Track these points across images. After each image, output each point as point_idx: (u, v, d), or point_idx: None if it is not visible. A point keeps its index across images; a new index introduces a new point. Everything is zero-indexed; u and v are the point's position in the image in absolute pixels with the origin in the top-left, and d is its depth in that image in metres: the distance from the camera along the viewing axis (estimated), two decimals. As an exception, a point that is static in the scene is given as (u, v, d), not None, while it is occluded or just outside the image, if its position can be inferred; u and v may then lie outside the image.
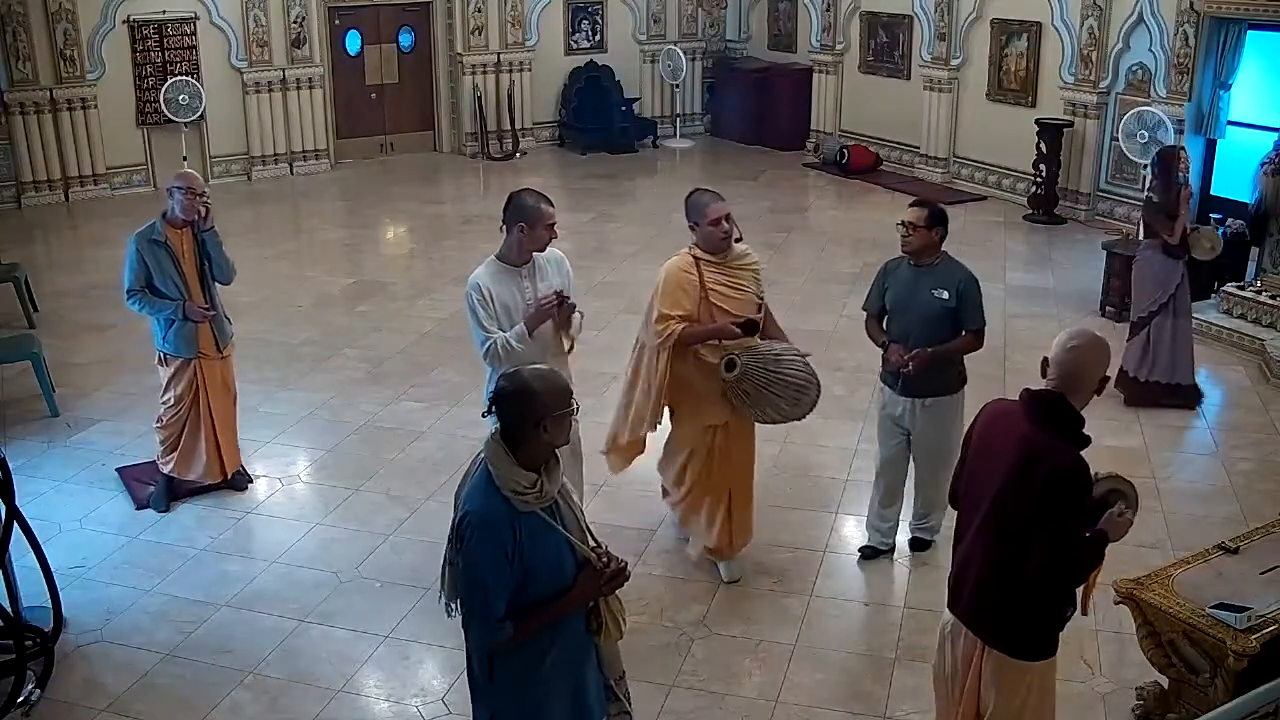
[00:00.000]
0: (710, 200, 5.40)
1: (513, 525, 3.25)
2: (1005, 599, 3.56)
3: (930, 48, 13.97)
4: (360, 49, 15.23)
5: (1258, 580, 4.47)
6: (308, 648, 5.26)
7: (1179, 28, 10.95)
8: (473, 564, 3.27)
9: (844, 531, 6.27)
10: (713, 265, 5.40)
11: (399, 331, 9.26)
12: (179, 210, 6.20)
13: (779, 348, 5.39)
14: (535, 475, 3.30)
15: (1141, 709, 4.70)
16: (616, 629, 3.55)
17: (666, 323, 5.32)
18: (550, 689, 3.47)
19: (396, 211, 13.36)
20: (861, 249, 11.43)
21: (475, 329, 5.02)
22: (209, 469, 6.50)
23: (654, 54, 16.75)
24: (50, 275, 10.71)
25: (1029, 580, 3.47)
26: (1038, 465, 3.40)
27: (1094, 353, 3.50)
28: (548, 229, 5.05)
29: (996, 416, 3.67)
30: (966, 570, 3.67)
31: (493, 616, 3.28)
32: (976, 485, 3.63)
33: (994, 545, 3.55)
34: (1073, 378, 3.47)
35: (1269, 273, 8.93)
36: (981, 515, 3.58)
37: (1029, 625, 3.60)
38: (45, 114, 13.05)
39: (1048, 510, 3.38)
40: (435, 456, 7.03)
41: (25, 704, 4.79)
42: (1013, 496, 3.46)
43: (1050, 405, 3.47)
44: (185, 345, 6.30)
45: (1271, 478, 6.83)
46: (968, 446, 3.79)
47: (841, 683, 5.02)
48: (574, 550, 3.40)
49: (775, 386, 5.26)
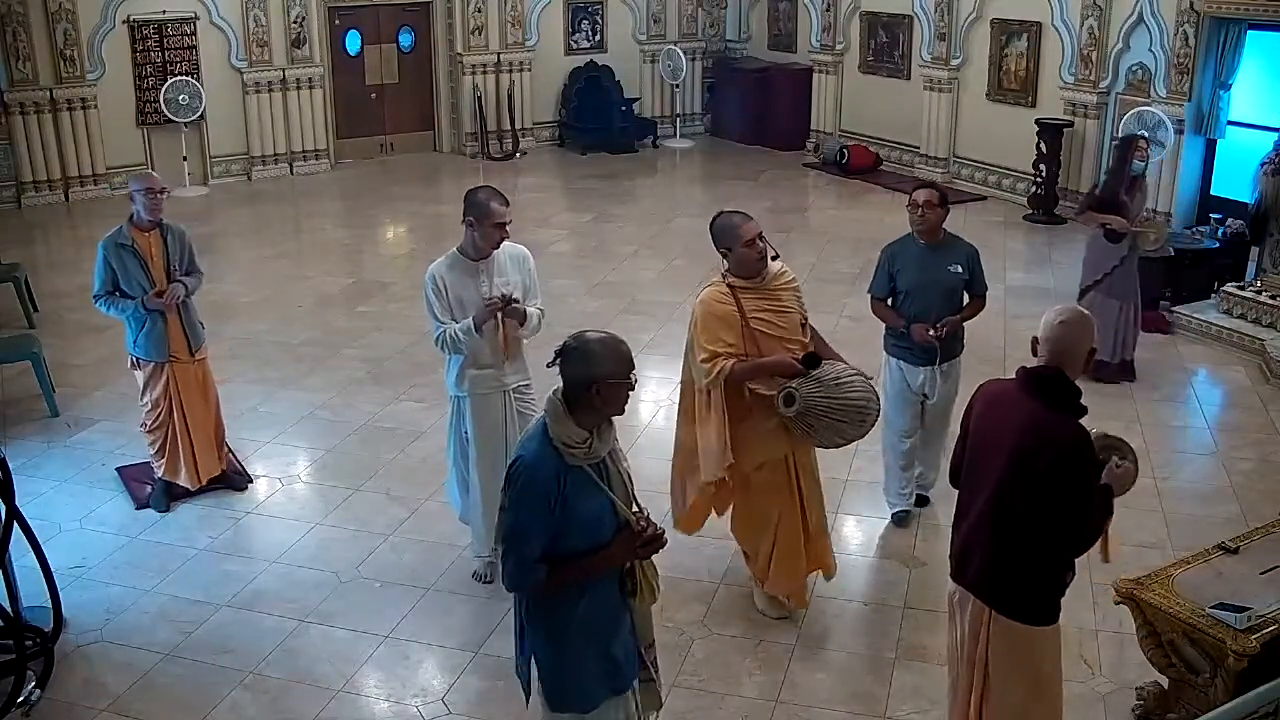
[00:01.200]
0: (741, 221, 5.02)
1: (559, 476, 3.42)
2: (1014, 569, 3.74)
3: (930, 48, 13.97)
4: (360, 49, 15.23)
5: (1258, 580, 4.48)
6: (308, 648, 5.26)
7: (1179, 28, 10.96)
8: (517, 505, 3.44)
9: (844, 531, 6.27)
10: (750, 291, 5.03)
11: (399, 331, 9.26)
12: (143, 212, 6.15)
13: (836, 370, 5.02)
14: (587, 433, 3.46)
15: (1141, 709, 4.70)
16: (651, 593, 3.71)
17: (715, 360, 4.94)
18: (581, 643, 3.61)
19: (396, 211, 13.36)
20: (861, 249, 11.42)
21: (430, 317, 5.25)
22: (188, 475, 6.47)
23: (654, 54, 16.75)
24: (50, 275, 10.72)
25: (1049, 545, 3.67)
26: (1045, 439, 3.58)
27: (1082, 327, 3.68)
28: (495, 228, 5.16)
29: (995, 397, 3.83)
30: (973, 544, 3.83)
31: (529, 557, 3.44)
32: (983, 463, 3.78)
33: (1003, 519, 3.71)
34: (1065, 353, 3.65)
35: (1269, 273, 8.93)
36: (989, 491, 3.73)
37: (1035, 592, 3.77)
38: (45, 114, 13.06)
39: (1061, 479, 3.56)
40: (435, 456, 7.02)
41: (25, 704, 4.79)
42: (1022, 471, 3.62)
43: (1050, 381, 3.65)
44: (155, 349, 6.26)
45: (1271, 478, 6.83)
46: (967, 428, 3.93)
47: (841, 683, 5.02)
48: (616, 511, 3.54)
49: (838, 413, 4.94)
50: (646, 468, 5.99)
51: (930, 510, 6.40)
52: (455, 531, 6.05)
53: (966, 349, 6.23)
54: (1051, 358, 3.66)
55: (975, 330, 6.19)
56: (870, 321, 6.07)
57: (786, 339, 5.07)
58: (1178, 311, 9.24)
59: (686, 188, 15.23)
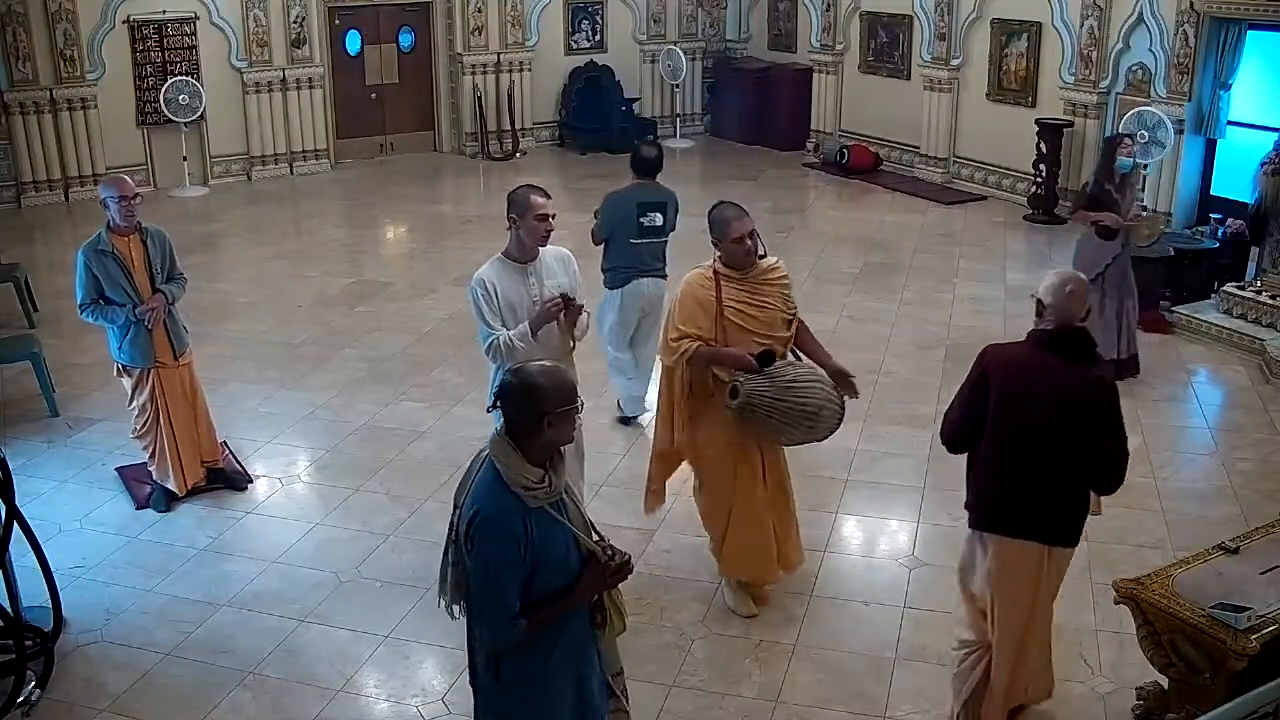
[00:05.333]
0: (734, 216, 5.13)
1: (524, 521, 3.27)
2: (1065, 505, 4.23)
3: (930, 48, 13.96)
4: (360, 49, 15.23)
5: (1258, 580, 4.47)
6: (308, 648, 5.26)
7: (1179, 28, 10.95)
8: (486, 564, 3.26)
9: (844, 531, 6.27)
10: (734, 281, 5.14)
11: (399, 331, 9.26)
12: (118, 218, 6.11)
13: (793, 373, 5.07)
14: (542, 471, 3.31)
15: (1141, 709, 4.70)
16: (620, 621, 3.59)
17: (681, 341, 5.09)
18: (557, 685, 3.49)
19: (396, 211, 13.36)
20: (861, 249, 11.44)
21: (480, 325, 5.04)
22: (175, 479, 6.46)
23: (654, 54, 16.75)
24: (50, 275, 10.71)
25: (1089, 479, 4.19)
26: (1081, 390, 4.11)
27: (1084, 293, 4.23)
28: (539, 219, 5.04)
29: (1015, 362, 4.24)
30: (1020, 493, 4.22)
31: (508, 615, 3.29)
32: (1022, 421, 4.17)
33: (1049, 465, 4.15)
34: (1074, 316, 4.17)
35: (1269, 273, 8.92)
36: (1031, 446, 4.16)
37: (1079, 521, 4.31)
38: (45, 114, 13.06)
39: (1102, 420, 4.12)
40: (435, 456, 7.03)
41: (25, 704, 4.79)
42: (1066, 421, 4.09)
43: (1072, 339, 4.17)
44: (140, 355, 6.25)
45: (1271, 478, 6.83)
46: (982, 392, 4.25)
47: (841, 683, 5.02)
48: (579, 544, 3.41)
49: (782, 416, 4.99)
50: (638, 466, 5.99)
51: (930, 510, 6.39)
52: (455, 531, 6.04)
53: (966, 343, 6.17)
54: (1060, 320, 4.15)
55: (976, 329, 6.20)
56: (870, 322, 6.10)
57: (758, 333, 5.12)
58: (1178, 312, 9.23)
59: (687, 188, 15.09)
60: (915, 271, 10.71)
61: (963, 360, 6.17)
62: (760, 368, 4.99)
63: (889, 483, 6.74)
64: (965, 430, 4.34)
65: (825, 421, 5.09)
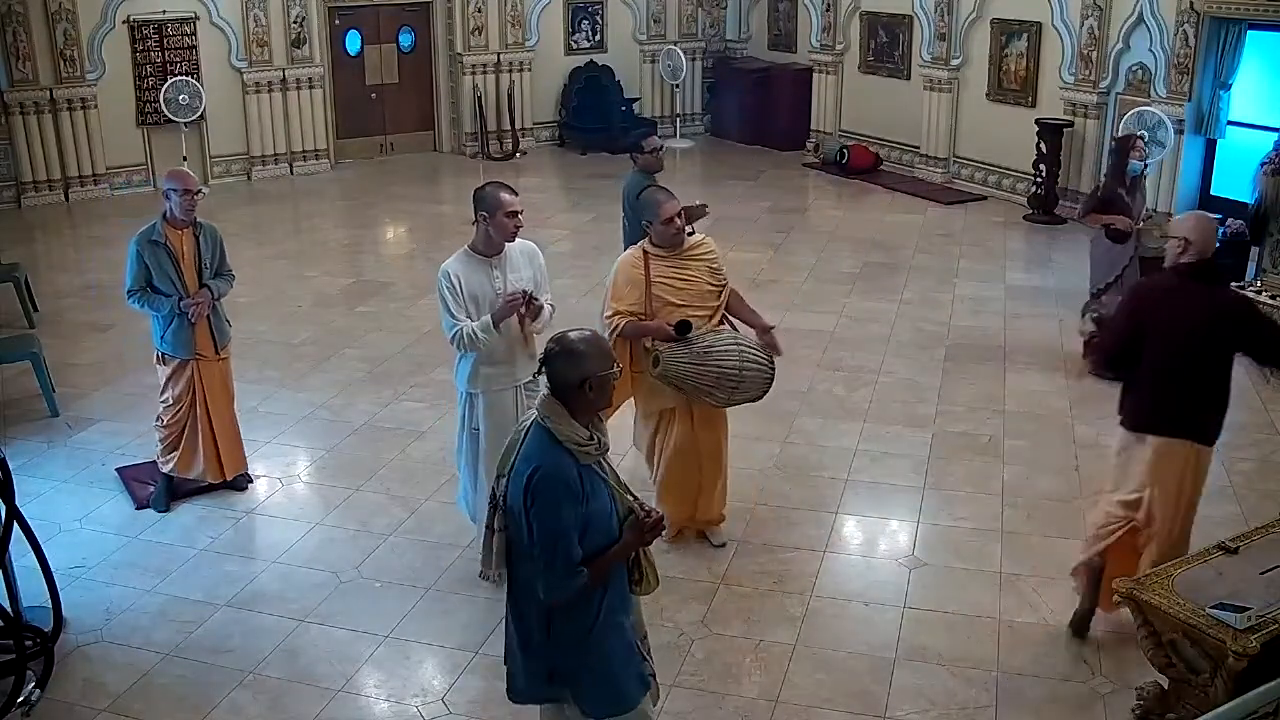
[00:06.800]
0: (664, 199, 5.61)
1: (580, 475, 3.48)
2: (1213, 407, 4.96)
3: (930, 48, 13.97)
4: (360, 49, 15.23)
5: (1258, 580, 4.47)
6: (308, 648, 5.26)
7: (1179, 28, 10.95)
8: (550, 515, 3.44)
9: (844, 531, 6.27)
10: (662, 259, 5.61)
11: (399, 331, 9.26)
12: (177, 211, 6.18)
13: (711, 339, 5.47)
14: (589, 431, 3.53)
15: (1141, 709, 4.70)
16: (655, 580, 3.76)
17: (614, 318, 5.58)
18: (607, 637, 3.64)
19: (396, 211, 13.36)
20: (861, 249, 11.44)
21: (444, 315, 5.28)
22: (209, 468, 6.50)
23: (654, 54, 16.75)
24: (50, 275, 10.71)
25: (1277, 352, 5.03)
26: (1227, 306, 4.98)
27: (1215, 229, 5.07)
28: (509, 216, 5.23)
29: (1163, 293, 4.97)
30: (1172, 399, 4.91)
31: (573, 563, 3.46)
32: (1177, 338, 4.85)
33: (1199, 372, 4.88)
34: (1209, 247, 4.94)
35: (1269, 273, 8.92)
36: (1182, 358, 4.85)
37: (1219, 421, 5.01)
38: (45, 114, 13.06)
39: (1257, 318, 5.03)
40: (435, 456, 7.02)
41: (25, 704, 4.78)
42: (1217, 334, 4.84)
43: (1213, 268, 4.99)
44: (182, 346, 6.30)
45: (1271, 478, 6.83)
46: (1134, 321, 4.99)
47: (841, 683, 5.02)
48: (615, 503, 3.59)
49: (700, 379, 5.42)
50: (637, 470, 6.04)
51: (930, 510, 6.39)
52: (455, 531, 6.05)
53: (966, 343, 6.17)
54: (1200, 253, 4.88)
55: (976, 329, 6.19)
56: (870, 322, 6.10)
57: (687, 305, 5.56)
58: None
59: (686, 188, 15.15)
60: (915, 271, 10.71)
61: (963, 360, 6.17)
62: (679, 336, 5.40)
63: (889, 483, 6.74)
64: (1120, 354, 5.06)
65: (750, 382, 5.51)
